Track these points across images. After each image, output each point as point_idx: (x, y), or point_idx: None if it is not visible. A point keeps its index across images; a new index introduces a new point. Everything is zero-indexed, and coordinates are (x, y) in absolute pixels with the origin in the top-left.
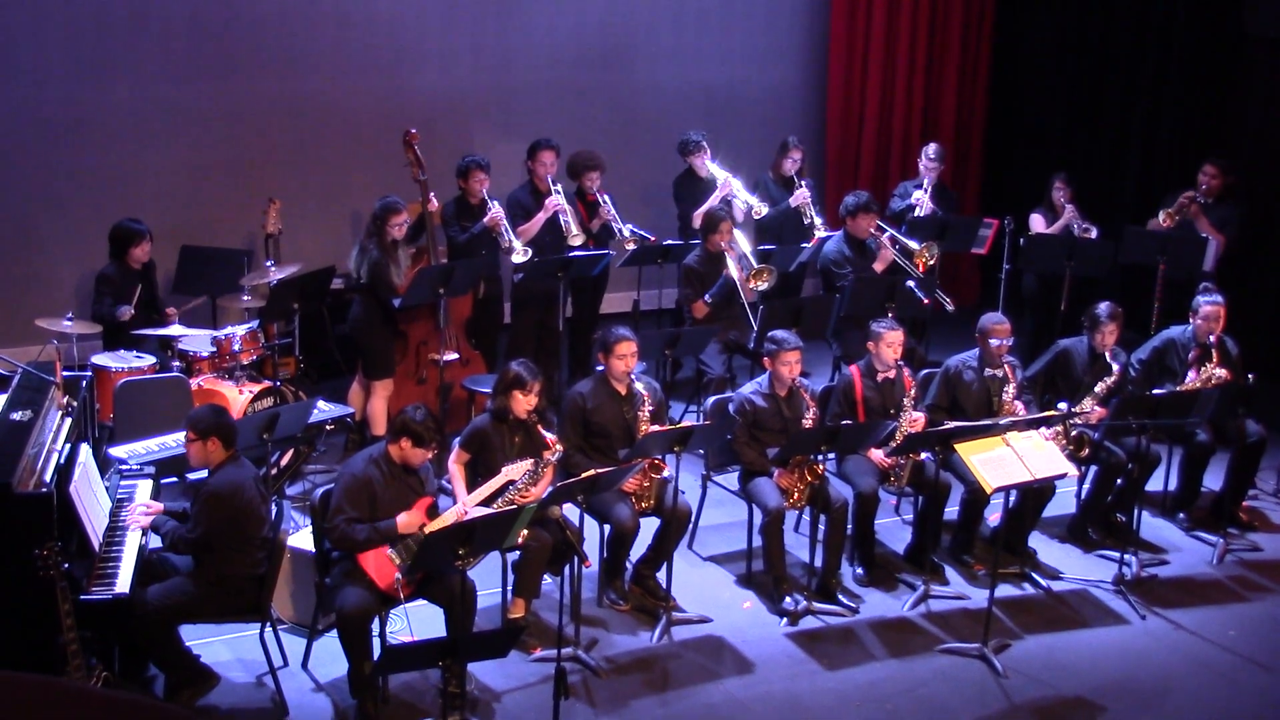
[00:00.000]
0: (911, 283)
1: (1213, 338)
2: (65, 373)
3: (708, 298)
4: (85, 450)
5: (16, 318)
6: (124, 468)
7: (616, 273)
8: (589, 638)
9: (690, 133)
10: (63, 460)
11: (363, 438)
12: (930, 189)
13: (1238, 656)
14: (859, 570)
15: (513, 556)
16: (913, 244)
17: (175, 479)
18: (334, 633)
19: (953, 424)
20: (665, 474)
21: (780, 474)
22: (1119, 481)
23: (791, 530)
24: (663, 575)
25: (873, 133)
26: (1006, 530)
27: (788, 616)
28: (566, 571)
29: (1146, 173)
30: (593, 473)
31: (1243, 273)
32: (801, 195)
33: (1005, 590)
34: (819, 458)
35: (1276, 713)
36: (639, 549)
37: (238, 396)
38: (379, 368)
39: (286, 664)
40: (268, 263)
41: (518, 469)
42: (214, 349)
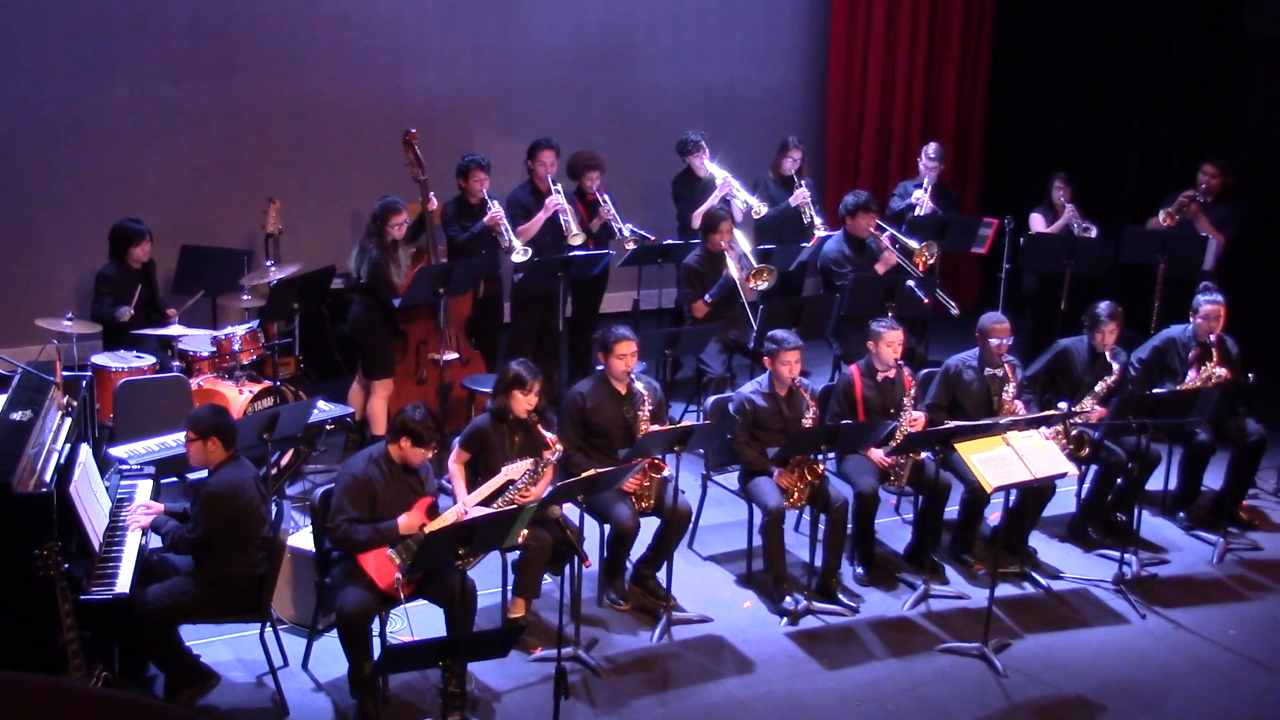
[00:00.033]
0: (911, 282)
1: (1213, 337)
2: (65, 373)
3: (708, 297)
4: (85, 450)
5: (16, 318)
6: (124, 468)
7: (616, 272)
8: (589, 637)
9: (689, 132)
10: (63, 460)
11: (363, 437)
12: (930, 188)
13: (1238, 656)
14: (859, 570)
15: (513, 556)
16: (913, 243)
17: (175, 479)
18: (334, 633)
19: (953, 423)
20: (665, 474)
21: (780, 473)
22: (1119, 481)
23: (791, 530)
24: (663, 575)
25: (873, 132)
26: (1006, 530)
27: (788, 616)
28: (567, 571)
29: (1146, 172)
30: (593, 472)
31: (1243, 272)
32: (801, 195)
33: (1005, 590)
34: (819, 457)
35: (1276, 712)
36: (639, 549)
37: (238, 396)
38: (379, 367)
39: (287, 664)
40: (268, 263)
41: (518, 469)
42: (214, 349)
